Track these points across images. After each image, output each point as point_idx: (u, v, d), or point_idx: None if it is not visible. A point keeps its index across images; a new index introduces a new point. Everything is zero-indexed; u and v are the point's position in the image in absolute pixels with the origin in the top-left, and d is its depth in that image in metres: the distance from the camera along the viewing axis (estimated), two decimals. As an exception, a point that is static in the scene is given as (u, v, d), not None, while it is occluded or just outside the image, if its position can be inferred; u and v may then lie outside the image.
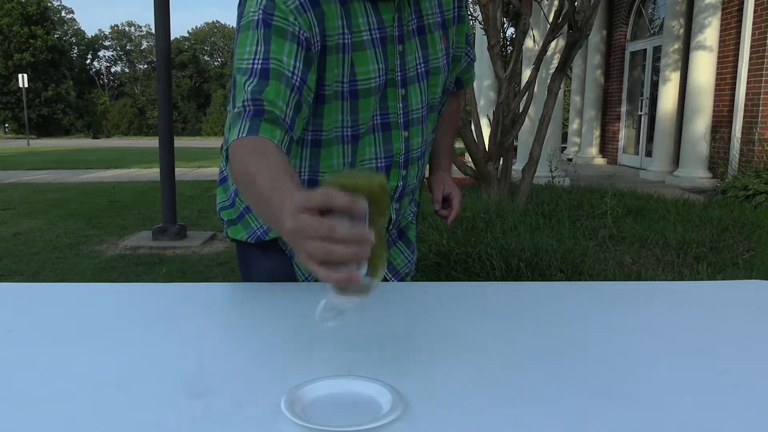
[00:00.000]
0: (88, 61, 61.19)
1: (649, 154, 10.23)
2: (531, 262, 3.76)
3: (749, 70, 7.55)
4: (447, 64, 1.18)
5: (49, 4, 46.96)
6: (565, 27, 5.73)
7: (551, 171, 7.63)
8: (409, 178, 1.20)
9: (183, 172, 11.82)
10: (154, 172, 11.25)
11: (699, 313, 1.04)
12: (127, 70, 63.72)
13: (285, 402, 0.66)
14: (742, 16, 7.69)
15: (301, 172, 1.13)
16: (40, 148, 23.09)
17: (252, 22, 0.98)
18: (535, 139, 5.92)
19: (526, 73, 8.26)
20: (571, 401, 0.70)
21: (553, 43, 6.56)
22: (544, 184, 7.31)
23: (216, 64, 60.81)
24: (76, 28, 59.17)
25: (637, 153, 11.09)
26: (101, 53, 69.14)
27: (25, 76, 27.18)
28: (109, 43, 63.82)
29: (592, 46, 11.90)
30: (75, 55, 57.64)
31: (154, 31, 5.30)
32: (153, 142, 22.92)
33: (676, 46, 8.92)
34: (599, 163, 12.28)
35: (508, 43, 11.35)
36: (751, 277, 3.62)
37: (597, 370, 0.78)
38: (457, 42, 1.23)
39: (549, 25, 5.84)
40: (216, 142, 29.60)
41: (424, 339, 0.89)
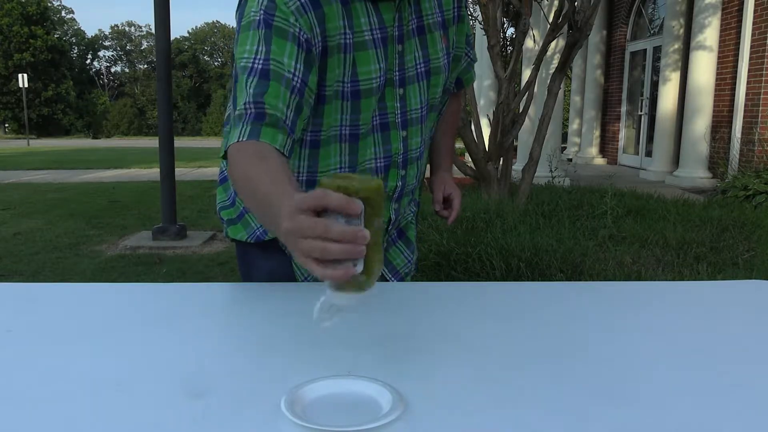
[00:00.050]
0: (88, 61, 61.20)
1: (649, 154, 10.23)
2: (531, 262, 3.76)
3: (749, 70, 7.55)
4: (447, 64, 1.18)
5: (49, 4, 46.95)
6: (565, 27, 5.73)
7: (551, 171, 7.63)
8: (408, 178, 1.20)
9: (183, 172, 11.82)
10: (154, 172, 11.25)
11: (699, 313, 1.04)
12: (127, 70, 63.71)
13: (285, 402, 0.66)
14: (742, 16, 7.69)
15: (299, 173, 1.13)
16: (40, 148, 23.09)
17: (253, 22, 0.98)
18: (535, 139, 5.92)
19: (526, 73, 8.26)
20: (571, 401, 0.70)
21: (553, 43, 6.56)
22: (544, 184, 7.31)
23: (216, 64, 60.80)
24: (76, 28, 59.17)
25: (637, 153, 11.09)
26: (101, 53, 69.22)
27: (25, 76, 27.17)
28: (109, 43, 63.84)
29: (592, 46, 11.90)
30: (75, 55, 57.64)
31: (154, 31, 5.30)
32: (153, 142, 22.92)
33: (676, 46, 8.92)
34: (599, 163, 12.28)
35: (508, 43, 11.35)
36: (751, 277, 3.62)
37: (597, 370, 0.78)
38: (458, 42, 1.23)
39: (549, 25, 5.84)
40: (216, 142, 29.59)
41: (424, 339, 0.89)
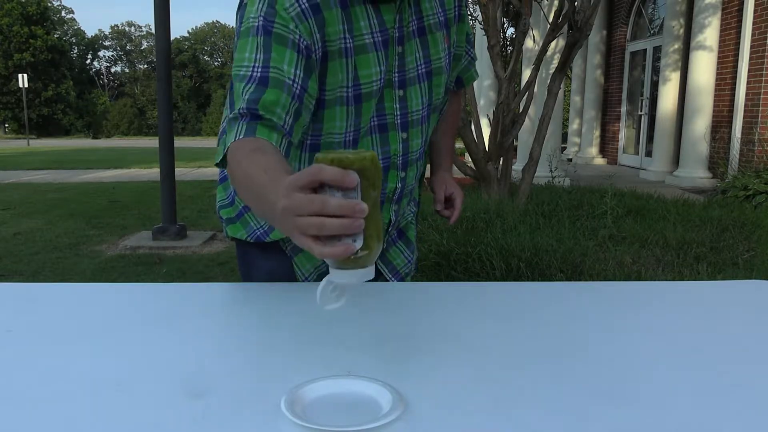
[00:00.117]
0: (88, 61, 61.20)
1: (649, 154, 10.23)
2: (531, 262, 3.76)
3: (749, 70, 7.55)
4: (449, 64, 1.18)
5: (49, 4, 46.96)
6: (565, 27, 5.73)
7: (551, 171, 7.63)
8: (408, 180, 1.20)
9: (183, 172, 11.82)
10: (154, 172, 11.26)
11: (699, 313, 1.04)
12: (127, 70, 63.71)
13: (285, 402, 0.66)
14: (742, 16, 7.69)
15: None
16: (40, 148, 23.09)
17: (252, 28, 0.97)
18: (535, 139, 5.92)
19: (526, 73, 8.26)
20: (571, 401, 0.70)
21: (553, 43, 6.56)
22: (544, 184, 7.31)
23: (216, 64, 60.79)
24: (76, 28, 59.18)
25: (637, 153, 11.09)
26: (101, 53, 69.26)
27: (25, 76, 27.18)
28: (109, 43, 63.84)
29: (592, 46, 11.90)
30: (75, 55, 57.64)
31: (154, 31, 5.30)
32: (153, 142, 22.92)
33: (676, 46, 8.92)
34: (599, 163, 12.29)
35: (508, 43, 11.35)
36: (751, 277, 3.62)
37: (597, 370, 0.78)
38: (458, 41, 1.23)
39: (549, 25, 5.84)
40: (216, 142, 29.55)
41: (424, 339, 0.89)
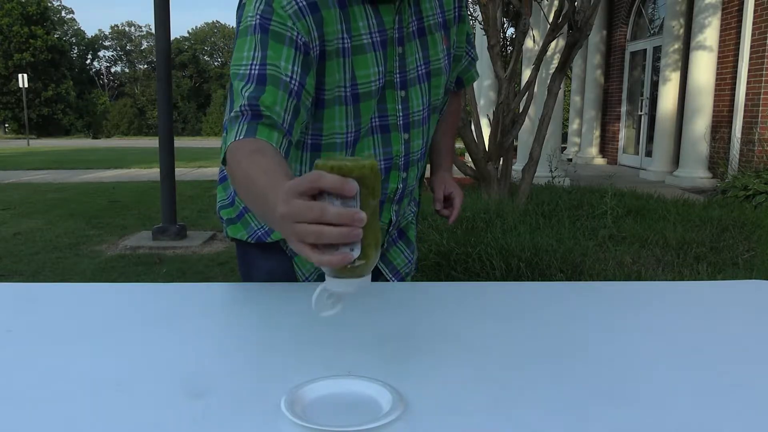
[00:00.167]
0: (88, 61, 61.18)
1: (649, 154, 10.23)
2: (531, 262, 3.76)
3: (749, 70, 7.55)
4: (448, 65, 1.18)
5: (49, 4, 46.95)
6: (565, 27, 5.73)
7: (551, 171, 7.63)
8: (409, 180, 1.20)
9: (183, 172, 11.82)
10: (154, 172, 11.25)
11: (699, 313, 1.04)
12: (127, 70, 63.70)
13: (285, 402, 0.66)
14: (742, 16, 7.69)
15: (300, 175, 1.13)
16: (40, 148, 23.09)
17: (250, 27, 0.98)
18: (535, 139, 5.92)
19: (526, 73, 8.26)
20: (571, 401, 0.70)
21: (553, 43, 6.56)
22: (544, 184, 7.31)
23: (216, 64, 60.78)
24: (76, 28, 59.17)
25: (637, 153, 11.09)
26: (101, 53, 69.21)
27: (25, 76, 27.17)
28: (109, 43, 63.83)
29: (592, 46, 11.90)
30: (75, 55, 57.62)
31: (154, 31, 5.30)
32: (153, 142, 22.93)
33: (676, 46, 8.92)
34: (599, 163, 12.28)
35: (508, 43, 11.35)
36: (751, 277, 3.62)
37: (597, 370, 0.78)
38: (458, 41, 1.22)
39: (549, 25, 5.84)
40: (216, 142, 29.60)
41: (424, 339, 0.89)
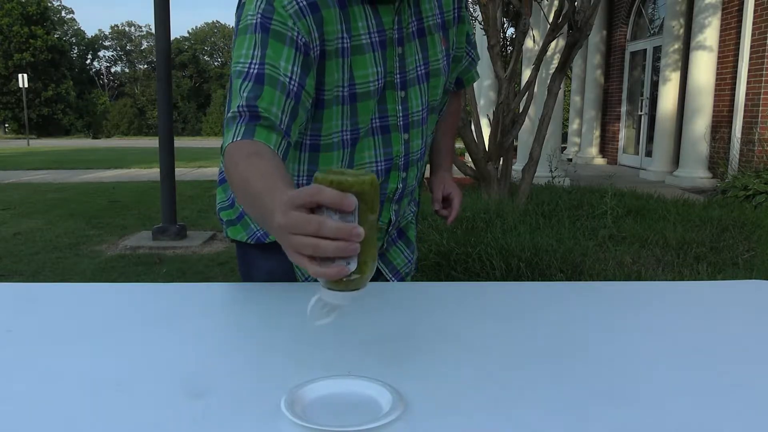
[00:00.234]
0: (88, 61, 61.17)
1: (649, 154, 10.23)
2: (531, 262, 3.76)
3: (749, 70, 7.55)
4: (447, 66, 1.18)
5: (49, 4, 46.94)
6: (565, 27, 5.73)
7: (551, 171, 7.62)
8: (409, 180, 1.20)
9: (183, 172, 11.82)
10: (154, 172, 11.25)
11: (699, 313, 1.04)
12: (127, 70, 63.69)
13: (285, 402, 0.66)
14: (742, 16, 7.69)
15: (298, 176, 1.13)
16: (40, 148, 23.08)
17: (250, 25, 0.98)
18: (535, 139, 5.92)
19: (526, 73, 8.26)
20: (571, 401, 0.70)
21: (553, 43, 6.56)
22: (544, 184, 7.31)
23: (216, 64, 60.78)
24: (76, 28, 59.15)
25: (637, 153, 11.09)
26: (101, 53, 69.17)
27: (25, 76, 27.16)
28: (109, 43, 63.82)
29: (592, 46, 11.90)
30: (75, 55, 57.61)
31: (154, 31, 5.30)
32: (153, 142, 22.91)
33: (676, 46, 8.92)
34: (599, 163, 12.28)
35: (508, 43, 11.35)
36: (751, 277, 3.62)
37: (597, 370, 0.78)
38: (458, 42, 1.22)
39: (549, 25, 5.84)
40: (216, 142, 29.60)
41: (424, 339, 0.89)
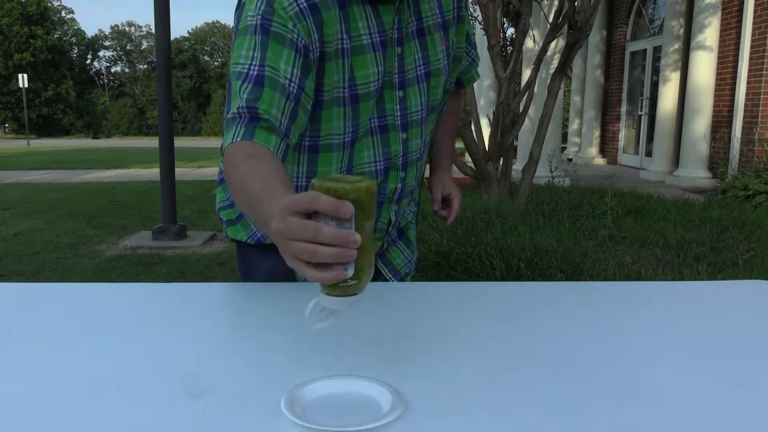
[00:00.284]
0: (88, 61, 61.16)
1: (649, 154, 10.23)
2: (531, 262, 3.76)
3: (749, 70, 7.55)
4: (447, 65, 1.18)
5: (49, 4, 46.93)
6: (565, 27, 5.73)
7: (551, 171, 7.62)
8: (408, 180, 1.20)
9: (183, 172, 11.81)
10: (154, 172, 11.25)
11: (699, 313, 1.04)
12: (127, 70, 63.68)
13: (285, 402, 0.66)
14: (742, 16, 7.69)
15: (297, 177, 1.13)
16: (40, 148, 23.08)
17: (250, 26, 0.97)
18: (535, 139, 5.92)
19: (526, 73, 8.26)
20: (571, 401, 0.70)
21: (553, 43, 6.56)
22: (544, 184, 7.31)
23: (216, 64, 60.78)
24: (76, 28, 59.15)
25: (637, 153, 11.09)
26: (101, 53, 69.17)
27: (25, 76, 27.16)
28: (109, 43, 63.81)
29: (592, 46, 11.90)
30: (75, 55, 57.60)
31: (154, 31, 5.30)
32: (153, 142, 22.92)
33: (676, 46, 8.92)
34: (599, 163, 12.28)
35: (508, 43, 11.35)
36: (751, 277, 3.62)
37: (597, 370, 0.78)
38: (458, 42, 1.22)
39: (549, 25, 5.84)
40: (216, 142, 29.61)
41: (424, 339, 0.89)
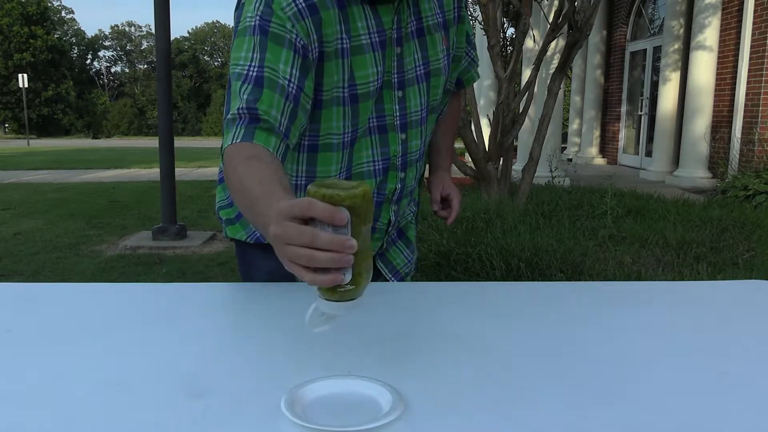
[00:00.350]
0: (88, 61, 61.16)
1: (649, 154, 10.23)
2: (531, 262, 3.75)
3: (749, 70, 7.55)
4: (447, 65, 1.18)
5: (49, 4, 46.94)
6: (565, 27, 5.73)
7: (551, 171, 7.62)
8: (408, 180, 1.20)
9: (183, 172, 11.81)
10: (154, 172, 11.25)
11: (699, 313, 1.04)
12: (127, 70, 63.68)
13: (285, 402, 0.66)
14: (742, 16, 7.69)
15: (297, 177, 1.13)
16: (40, 148, 23.08)
17: (249, 27, 0.98)
18: (535, 139, 5.92)
19: (526, 73, 8.26)
20: (571, 401, 0.70)
21: (553, 43, 6.56)
22: (544, 184, 7.31)
23: (216, 64, 60.77)
24: (76, 28, 59.14)
25: (637, 153, 11.09)
26: (101, 53, 69.12)
27: (25, 76, 27.16)
28: (109, 43, 63.81)
29: (592, 46, 11.90)
30: (75, 55, 57.59)
31: (154, 31, 5.30)
32: (153, 142, 22.91)
33: (676, 46, 8.92)
34: (599, 163, 12.28)
35: (508, 43, 11.35)
36: (751, 277, 3.62)
37: (597, 370, 0.78)
38: (458, 42, 1.22)
39: (549, 25, 5.84)
40: (216, 142, 29.60)
41: (424, 339, 0.89)
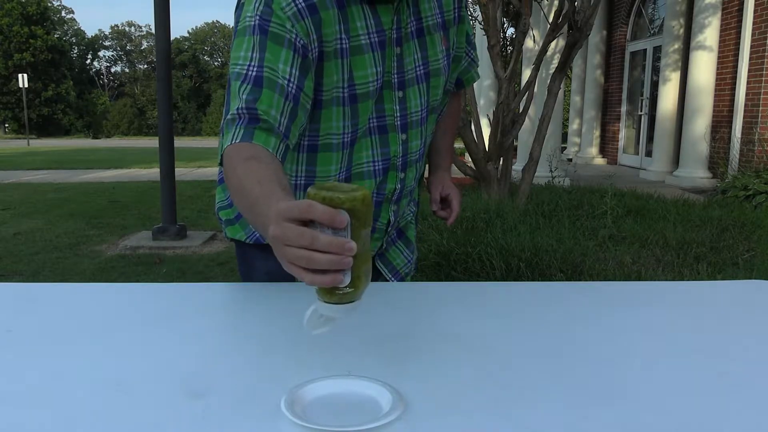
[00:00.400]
0: (88, 61, 61.16)
1: (649, 154, 10.23)
2: (531, 262, 3.75)
3: (749, 70, 7.55)
4: (447, 66, 1.18)
5: (49, 4, 46.95)
6: (565, 27, 5.73)
7: (551, 171, 7.62)
8: (407, 181, 1.20)
9: (183, 172, 11.81)
10: (154, 172, 11.25)
11: (699, 313, 1.04)
12: (127, 70, 63.68)
13: (285, 402, 0.66)
14: (742, 16, 7.69)
15: (296, 177, 1.13)
16: (40, 148, 23.08)
17: (248, 27, 0.98)
18: (535, 139, 5.92)
19: (526, 73, 8.26)
20: (571, 401, 0.70)
21: (553, 43, 6.56)
22: (544, 184, 7.31)
23: (216, 64, 60.77)
24: (76, 28, 59.14)
25: (637, 153, 11.09)
26: (101, 53, 69.16)
27: (25, 76, 27.17)
28: (109, 43, 63.82)
29: (592, 46, 11.90)
30: (75, 55, 57.59)
31: (154, 31, 5.30)
32: (153, 142, 22.92)
33: (676, 46, 8.92)
34: (599, 163, 12.28)
35: (508, 43, 11.36)
36: (751, 277, 3.62)
37: (597, 370, 0.78)
38: (458, 42, 1.22)
39: (549, 25, 5.84)
40: (216, 142, 29.59)
41: (424, 339, 0.88)
